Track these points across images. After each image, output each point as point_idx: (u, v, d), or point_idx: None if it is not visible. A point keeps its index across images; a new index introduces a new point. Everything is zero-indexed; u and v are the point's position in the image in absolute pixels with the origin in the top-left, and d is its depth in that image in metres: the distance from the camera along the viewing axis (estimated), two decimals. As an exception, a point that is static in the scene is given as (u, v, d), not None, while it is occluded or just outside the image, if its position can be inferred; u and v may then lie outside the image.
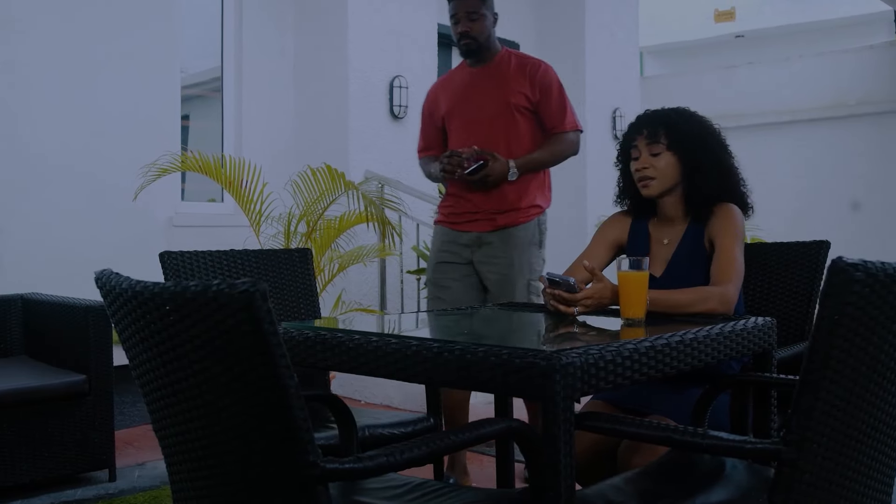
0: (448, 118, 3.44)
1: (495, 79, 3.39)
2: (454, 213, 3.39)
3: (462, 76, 3.48)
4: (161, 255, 2.77)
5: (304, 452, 1.25)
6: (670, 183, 2.40)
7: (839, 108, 7.89)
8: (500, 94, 3.36)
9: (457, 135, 3.39)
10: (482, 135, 3.30)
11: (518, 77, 3.37)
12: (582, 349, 1.48)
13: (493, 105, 3.36)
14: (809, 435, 1.36)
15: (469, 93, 3.41)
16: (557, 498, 1.41)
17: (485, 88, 3.38)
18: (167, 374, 1.38)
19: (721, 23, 10.42)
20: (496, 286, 3.30)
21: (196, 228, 5.01)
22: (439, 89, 3.57)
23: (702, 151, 2.38)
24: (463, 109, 3.41)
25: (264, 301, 1.19)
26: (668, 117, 2.44)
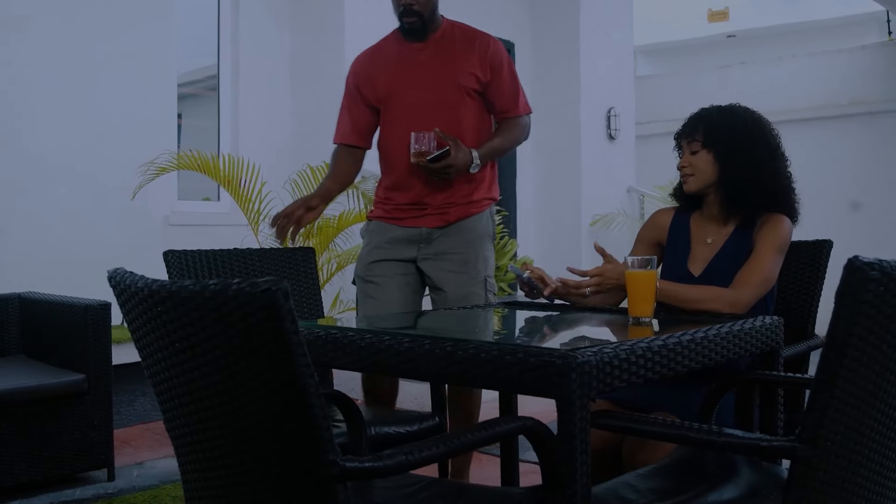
0: (386, 100, 3.01)
1: (441, 56, 3.00)
2: (397, 207, 3.01)
3: (399, 51, 3.05)
4: (165, 254, 2.78)
5: (324, 451, 1.25)
6: (707, 180, 2.39)
7: (831, 107, 7.92)
8: (447, 74, 2.98)
9: (396, 121, 2.99)
10: (427, 121, 2.89)
11: (466, 54, 2.99)
12: (597, 348, 1.49)
13: (440, 87, 2.97)
14: (824, 433, 1.37)
15: (411, 72, 3.00)
16: (573, 496, 1.41)
17: (429, 67, 2.99)
18: (183, 374, 1.38)
19: (714, 23, 10.45)
20: (451, 285, 2.95)
21: (193, 227, 5.00)
22: (370, 64, 3.09)
23: (739, 150, 2.34)
24: (404, 91, 2.99)
25: (286, 300, 1.19)
26: (708, 116, 2.43)
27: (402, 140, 2.91)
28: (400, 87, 2.99)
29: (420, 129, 2.86)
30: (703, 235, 2.45)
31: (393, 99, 3.00)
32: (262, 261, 2.96)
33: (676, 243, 2.49)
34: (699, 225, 2.47)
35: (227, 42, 5.40)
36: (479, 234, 3.01)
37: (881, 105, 7.71)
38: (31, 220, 4.42)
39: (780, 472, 1.84)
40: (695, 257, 2.42)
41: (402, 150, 2.91)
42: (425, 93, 2.97)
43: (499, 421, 1.47)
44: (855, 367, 1.35)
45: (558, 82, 7.13)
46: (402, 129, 2.92)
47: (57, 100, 4.53)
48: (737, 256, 2.35)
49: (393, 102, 3.00)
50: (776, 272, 2.31)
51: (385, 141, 3.06)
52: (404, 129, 2.91)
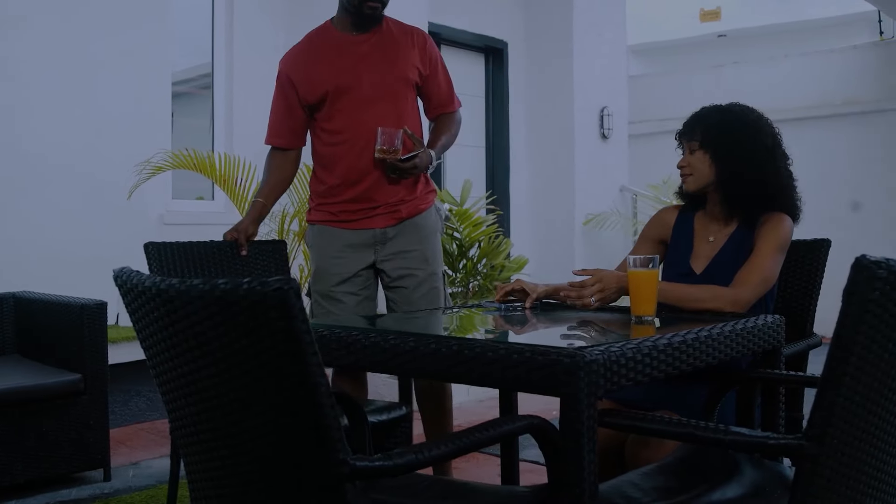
0: (332, 97, 2.90)
1: (383, 49, 2.93)
2: (344, 210, 2.92)
3: (339, 44, 2.94)
4: (145, 246, 2.81)
5: (334, 451, 1.25)
6: (705, 181, 2.41)
7: (824, 107, 7.95)
8: (394, 66, 2.92)
9: (346, 118, 2.88)
10: (377, 115, 2.85)
11: (407, 48, 2.95)
12: (603, 346, 1.49)
13: (388, 80, 2.91)
14: (831, 430, 1.38)
15: (356, 65, 2.90)
16: (581, 495, 1.41)
17: (374, 60, 2.91)
18: (190, 373, 1.37)
19: (707, 22, 10.48)
20: (412, 283, 2.92)
21: (187, 226, 4.97)
22: (308, 61, 2.96)
23: (736, 150, 2.35)
24: (352, 84, 2.88)
25: (298, 298, 1.19)
26: (706, 116, 2.44)
27: (355, 134, 2.86)
28: (347, 81, 2.89)
29: (370, 123, 2.82)
30: (706, 234, 2.47)
31: (340, 93, 2.89)
32: (235, 253, 3.03)
33: (679, 241, 2.50)
34: (702, 223, 2.49)
35: (221, 41, 5.39)
36: (431, 229, 3.01)
37: (874, 105, 7.75)
38: (26, 219, 4.40)
39: (782, 470, 1.85)
40: (697, 255, 2.44)
41: (355, 144, 2.86)
42: (373, 87, 2.89)
43: (506, 420, 1.48)
44: (861, 365, 1.36)
45: (552, 82, 7.14)
46: (354, 123, 2.86)
47: (51, 99, 4.51)
48: (738, 255, 2.36)
49: (340, 96, 2.90)
50: (776, 271, 2.32)
51: (331, 138, 2.94)
52: (355, 123, 2.86)
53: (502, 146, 7.14)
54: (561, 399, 1.43)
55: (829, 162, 7.83)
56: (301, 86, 2.94)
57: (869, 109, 7.77)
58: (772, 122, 2.45)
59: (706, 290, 2.22)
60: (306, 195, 4.37)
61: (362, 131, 2.85)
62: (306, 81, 2.93)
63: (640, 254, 2.50)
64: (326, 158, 2.96)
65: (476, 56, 7.00)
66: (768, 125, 2.43)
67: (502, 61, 7.07)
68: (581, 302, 2.13)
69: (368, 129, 2.83)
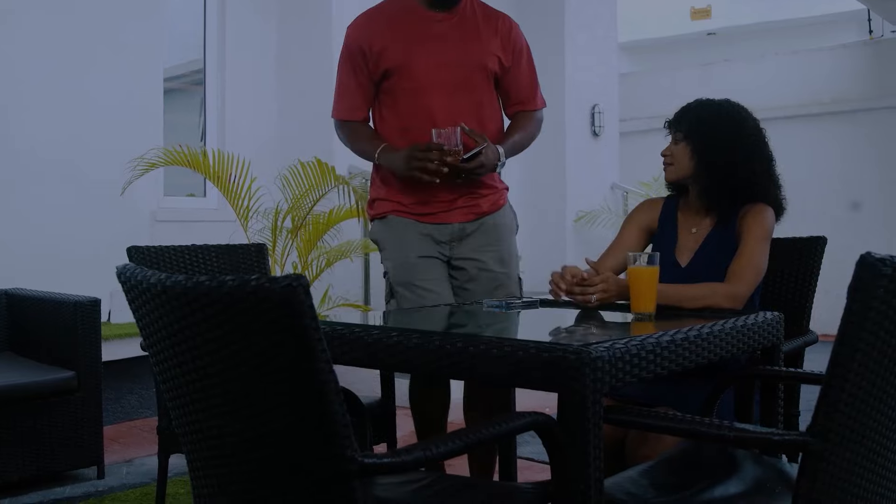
0: (397, 74, 2.64)
1: (463, 32, 2.67)
2: (420, 201, 2.66)
3: (415, 19, 2.67)
4: (128, 250, 2.80)
5: (343, 447, 1.25)
6: (684, 172, 2.43)
7: (814, 105, 7.99)
8: (472, 52, 2.66)
9: (410, 102, 2.64)
10: (450, 104, 2.61)
11: (489, 34, 2.70)
12: (608, 343, 1.50)
13: (465, 66, 2.65)
14: (835, 426, 1.39)
15: (430, 45, 2.63)
16: (587, 490, 1.42)
17: (451, 42, 2.65)
18: (196, 370, 1.37)
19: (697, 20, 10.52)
20: (487, 285, 2.70)
21: (179, 223, 4.97)
22: (377, 28, 2.67)
23: (718, 144, 2.37)
24: (424, 66, 2.63)
25: (307, 296, 1.19)
26: (694, 109, 2.46)
27: (423, 121, 2.59)
28: (418, 62, 2.62)
29: (442, 112, 2.58)
30: (689, 225, 2.49)
31: (408, 73, 2.63)
32: (219, 257, 3.01)
33: (664, 232, 2.53)
34: (685, 214, 2.51)
35: (213, 37, 5.37)
36: (509, 227, 2.81)
37: (863, 103, 7.79)
38: (17, 216, 4.37)
39: (782, 465, 1.86)
40: (681, 247, 2.46)
41: (422, 132, 2.56)
42: (447, 71, 2.63)
43: (511, 416, 1.48)
44: (865, 361, 1.37)
45: (543, 78, 7.03)
46: (422, 110, 2.61)
47: (42, 95, 4.48)
48: (721, 248, 2.38)
49: (407, 78, 2.63)
50: (766, 261, 2.35)
51: (395, 122, 2.69)
52: (424, 109, 2.61)
53: (494, 143, 7.13)
54: (567, 395, 1.43)
55: (818, 160, 7.87)
56: (370, 55, 2.65)
57: (858, 108, 7.82)
58: (758, 121, 2.47)
59: (703, 289, 2.23)
60: (300, 190, 4.37)
61: (427, 120, 2.59)
62: (370, 43, 2.64)
63: (626, 240, 2.53)
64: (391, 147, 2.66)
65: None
66: (754, 123, 2.45)
67: (494, 58, 7.06)
68: (582, 298, 2.14)
69: (435, 120, 2.58)
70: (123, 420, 4.44)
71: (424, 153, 2.49)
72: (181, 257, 2.88)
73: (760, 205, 2.38)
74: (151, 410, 4.57)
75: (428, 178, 2.49)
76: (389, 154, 2.62)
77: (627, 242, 2.55)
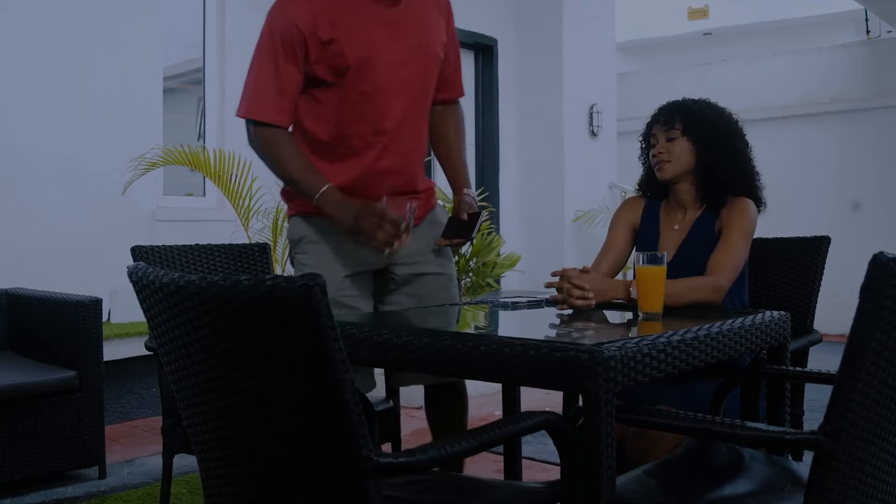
0: (351, 74, 2.22)
1: (418, 17, 2.32)
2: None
3: (366, 4, 2.24)
4: (132, 250, 2.79)
5: (358, 446, 1.25)
6: (685, 167, 2.45)
7: (812, 105, 8.01)
8: (430, 43, 2.34)
9: (355, 109, 2.25)
10: (402, 117, 2.30)
11: (436, 13, 2.38)
12: (620, 342, 1.50)
13: (424, 63, 2.33)
14: (847, 426, 1.39)
15: (389, 37, 2.25)
16: (599, 489, 1.42)
17: (410, 31, 2.29)
18: (209, 370, 1.37)
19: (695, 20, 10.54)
20: (431, 288, 2.45)
21: (178, 223, 4.96)
22: (320, 12, 2.20)
23: (716, 138, 2.43)
24: (382, 65, 2.24)
25: (324, 295, 1.19)
26: (684, 105, 2.50)
27: (365, 132, 2.28)
28: (378, 59, 2.24)
29: (392, 122, 2.28)
30: (671, 222, 2.52)
31: (366, 74, 2.22)
32: (222, 257, 2.99)
33: (648, 229, 2.55)
34: (666, 213, 2.54)
35: (213, 36, 5.35)
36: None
37: (861, 103, 7.81)
38: (16, 215, 4.36)
39: (789, 464, 1.87)
40: (664, 244, 2.49)
41: (360, 146, 2.30)
42: (407, 70, 2.29)
43: (522, 416, 1.48)
44: (878, 360, 1.37)
45: (541, 79, 7.15)
46: (369, 119, 2.27)
47: (41, 93, 4.47)
48: (704, 238, 2.41)
49: (363, 79, 2.23)
50: (746, 256, 2.38)
51: (323, 131, 2.31)
52: (371, 118, 2.27)
53: (492, 143, 7.14)
54: (579, 394, 1.43)
55: (816, 159, 7.89)
56: (313, 46, 2.20)
57: (856, 107, 7.84)
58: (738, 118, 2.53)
59: (684, 284, 2.23)
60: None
61: (371, 131, 2.30)
62: (319, 40, 2.20)
63: (618, 241, 2.56)
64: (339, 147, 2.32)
65: (466, 53, 7.00)
66: (738, 120, 2.52)
67: (492, 58, 7.08)
68: (584, 303, 2.13)
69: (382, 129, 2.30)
70: (123, 420, 4.43)
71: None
72: (185, 257, 2.88)
73: (743, 199, 2.42)
74: (152, 410, 4.56)
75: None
76: (337, 201, 2.22)
77: (619, 243, 2.58)
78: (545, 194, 7.16)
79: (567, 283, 2.12)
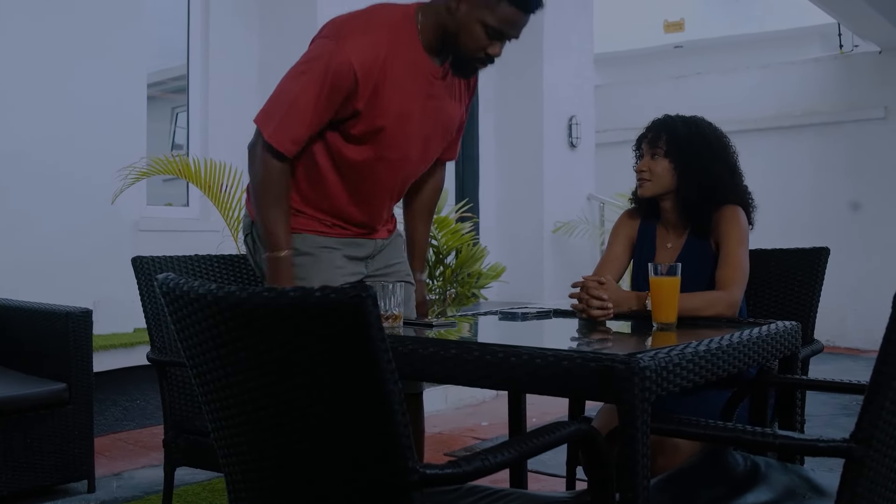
0: (377, 138, 2.23)
1: (450, 94, 2.35)
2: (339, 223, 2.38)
3: (417, 68, 2.23)
4: (133, 260, 2.77)
5: (404, 458, 1.24)
6: (665, 187, 2.47)
7: (785, 118, 8.14)
8: (453, 117, 2.40)
9: (376, 166, 2.29)
10: (407, 176, 2.41)
11: (464, 91, 2.42)
12: (653, 352, 1.51)
13: (442, 137, 2.41)
14: (878, 434, 1.41)
15: (425, 110, 2.28)
16: (635, 500, 1.43)
17: (441, 105, 2.33)
18: (248, 381, 1.36)
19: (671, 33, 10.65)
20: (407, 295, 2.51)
21: (162, 233, 4.91)
22: (377, 65, 2.16)
23: (700, 164, 2.43)
24: (409, 137, 2.28)
25: (375, 306, 1.19)
26: (673, 125, 2.51)
27: (388, 182, 2.35)
28: (409, 130, 2.27)
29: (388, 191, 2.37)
30: (665, 241, 2.55)
31: (390, 142, 2.25)
32: (225, 267, 2.97)
33: (643, 246, 2.57)
34: (661, 232, 2.57)
35: (196, 46, 5.32)
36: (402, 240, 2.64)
37: (834, 116, 7.95)
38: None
39: (805, 472, 1.89)
40: (660, 262, 2.49)
41: (382, 192, 2.37)
42: (431, 143, 2.37)
43: (555, 426, 1.48)
44: (909, 369, 1.39)
45: (521, 90, 7.19)
46: (390, 179, 2.34)
47: (25, 101, 4.41)
48: (699, 259, 2.43)
49: (387, 146, 2.26)
50: (748, 262, 2.40)
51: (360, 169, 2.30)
52: (392, 178, 2.34)
53: (472, 155, 7.17)
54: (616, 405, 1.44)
55: (790, 172, 8.01)
56: (356, 95, 2.16)
57: (829, 121, 7.97)
58: (730, 140, 2.53)
59: (700, 299, 2.26)
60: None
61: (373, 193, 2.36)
62: (363, 92, 2.16)
63: (618, 254, 2.58)
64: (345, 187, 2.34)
65: (446, 64, 7.01)
66: (729, 142, 2.53)
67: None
68: (587, 314, 2.15)
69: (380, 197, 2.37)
70: (107, 433, 4.36)
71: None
72: (185, 267, 2.85)
73: (732, 207, 2.44)
74: (136, 423, 4.50)
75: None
76: (284, 272, 2.25)
77: (619, 254, 2.60)
78: (525, 205, 7.19)
79: (586, 294, 2.13)
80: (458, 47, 2.19)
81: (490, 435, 4.26)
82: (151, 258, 2.78)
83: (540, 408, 4.36)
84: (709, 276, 2.41)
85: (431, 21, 2.22)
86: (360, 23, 2.20)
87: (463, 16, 2.14)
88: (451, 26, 2.17)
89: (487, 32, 2.15)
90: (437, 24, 2.21)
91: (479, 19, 2.13)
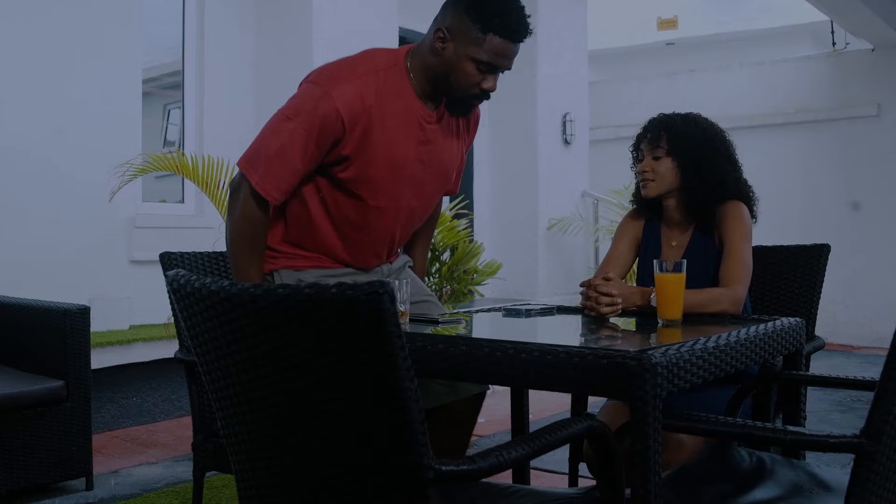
0: (375, 184, 2.21)
1: (447, 136, 2.33)
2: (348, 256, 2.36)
3: (414, 117, 2.23)
4: (161, 256, 2.72)
5: (420, 455, 1.24)
6: (668, 186, 2.48)
7: (778, 115, 8.16)
8: (451, 160, 2.37)
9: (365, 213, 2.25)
10: (406, 222, 2.37)
11: (463, 130, 2.40)
12: (663, 349, 1.51)
13: (438, 184, 2.38)
14: (888, 429, 1.42)
15: (418, 157, 2.26)
16: (647, 495, 1.43)
17: (437, 149, 2.30)
18: (262, 378, 1.35)
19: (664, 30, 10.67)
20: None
21: (158, 230, 4.90)
22: (363, 111, 2.14)
23: (704, 161, 2.44)
24: (398, 186, 2.25)
25: (392, 303, 1.19)
26: (673, 124, 2.51)
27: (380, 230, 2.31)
28: (399, 180, 2.24)
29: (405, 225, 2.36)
30: (669, 239, 2.55)
31: (377, 189, 2.23)
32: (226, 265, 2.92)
33: (649, 245, 2.58)
34: (665, 230, 2.57)
35: (191, 43, 5.29)
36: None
37: (826, 114, 7.98)
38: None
39: (810, 468, 1.90)
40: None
41: (375, 239, 2.33)
42: (425, 187, 2.33)
43: (567, 422, 1.48)
44: (919, 365, 1.40)
45: (515, 87, 7.17)
46: (383, 221, 2.29)
47: (21, 99, 4.39)
48: (703, 256, 2.44)
49: (374, 193, 2.23)
50: (751, 259, 2.40)
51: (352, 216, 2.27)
52: (383, 225, 2.30)
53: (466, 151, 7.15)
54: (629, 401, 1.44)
55: (782, 169, 8.03)
56: (342, 142, 2.15)
57: (821, 118, 8.00)
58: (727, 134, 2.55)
59: (704, 295, 2.27)
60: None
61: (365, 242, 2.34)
62: (350, 139, 2.15)
63: (622, 251, 2.59)
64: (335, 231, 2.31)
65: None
66: (721, 131, 2.54)
67: (466, 66, 7.08)
68: (611, 309, 2.15)
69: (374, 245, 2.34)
70: (103, 430, 4.35)
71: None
72: (212, 264, 2.78)
73: (734, 203, 2.45)
74: (131, 420, 4.49)
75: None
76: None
77: (624, 252, 2.61)
78: (519, 202, 7.20)
79: (594, 292, 2.13)
80: (451, 87, 2.19)
81: (488, 432, 4.26)
82: (180, 254, 2.70)
83: (537, 404, 4.36)
84: (712, 272, 2.41)
85: (419, 65, 2.22)
86: (347, 70, 2.18)
87: (451, 56, 2.14)
88: (439, 68, 2.17)
89: (479, 68, 2.15)
90: (425, 67, 2.20)
91: (468, 56, 2.13)
